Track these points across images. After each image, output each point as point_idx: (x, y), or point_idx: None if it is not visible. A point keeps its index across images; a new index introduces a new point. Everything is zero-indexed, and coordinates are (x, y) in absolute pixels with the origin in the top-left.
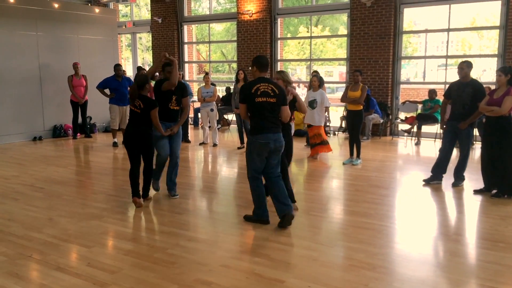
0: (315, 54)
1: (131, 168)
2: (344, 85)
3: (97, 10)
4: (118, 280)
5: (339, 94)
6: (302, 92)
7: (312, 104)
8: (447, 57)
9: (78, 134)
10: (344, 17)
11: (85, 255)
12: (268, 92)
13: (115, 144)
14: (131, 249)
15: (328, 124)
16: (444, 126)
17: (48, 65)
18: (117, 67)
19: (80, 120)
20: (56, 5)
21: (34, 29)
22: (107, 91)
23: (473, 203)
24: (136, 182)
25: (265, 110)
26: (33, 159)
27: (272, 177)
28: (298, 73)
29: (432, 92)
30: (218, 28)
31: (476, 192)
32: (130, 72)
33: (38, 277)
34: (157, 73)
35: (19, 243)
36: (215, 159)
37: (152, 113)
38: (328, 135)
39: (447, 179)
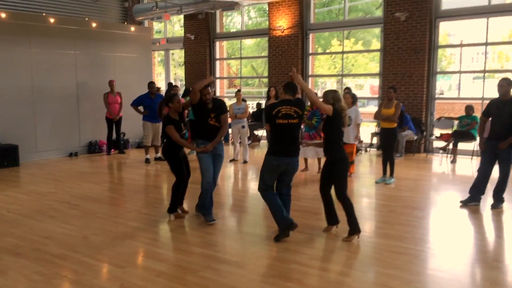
0: (346, 68)
1: (175, 183)
2: (376, 99)
3: (132, 29)
4: None
5: (370, 108)
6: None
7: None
8: (484, 71)
9: (112, 150)
10: (376, 30)
11: (119, 275)
12: (291, 114)
13: (147, 161)
14: (163, 271)
15: (359, 140)
16: (483, 146)
17: (85, 83)
18: (151, 84)
19: (114, 136)
20: (93, 24)
21: (72, 47)
22: (141, 108)
23: None
24: (176, 197)
25: (284, 132)
26: (69, 176)
27: (281, 194)
28: (329, 87)
29: (469, 108)
30: (249, 42)
31: None
32: (162, 87)
33: None
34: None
35: (54, 262)
36: (245, 177)
37: (167, 130)
38: (360, 152)
39: (486, 200)
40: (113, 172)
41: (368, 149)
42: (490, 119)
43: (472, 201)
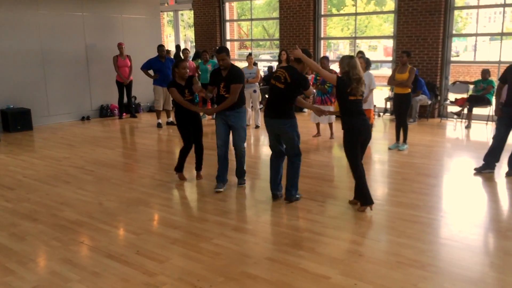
0: (359, 29)
1: (182, 146)
2: (389, 62)
3: None
4: (166, 270)
5: (383, 71)
6: None
7: None
8: (502, 34)
9: (124, 114)
10: None
11: (134, 242)
12: (280, 77)
13: (159, 125)
14: (177, 238)
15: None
16: (499, 112)
17: (94, 46)
18: (160, 47)
19: (125, 100)
20: None
21: (80, 9)
22: (151, 72)
23: None
24: (183, 160)
25: (271, 94)
26: (82, 140)
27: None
28: (341, 49)
29: (486, 72)
30: (259, 2)
31: None
32: (172, 48)
33: (90, 265)
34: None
35: (71, 228)
36: (257, 142)
37: (170, 93)
38: (373, 116)
39: (501, 167)
40: (125, 136)
41: (381, 114)
42: (507, 85)
43: (486, 169)
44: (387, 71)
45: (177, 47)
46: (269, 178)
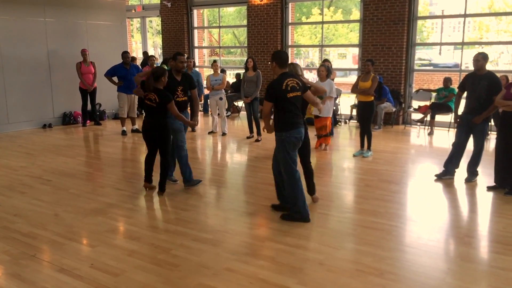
0: (327, 38)
1: (147, 154)
2: (356, 70)
3: None
4: (120, 283)
5: (351, 79)
6: (314, 78)
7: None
8: (463, 43)
9: (88, 121)
10: None
11: (89, 255)
12: (295, 86)
13: (124, 133)
14: (135, 249)
15: (338, 113)
16: (458, 120)
17: (57, 52)
18: (125, 54)
19: (89, 107)
20: None
21: (42, 15)
22: (115, 79)
23: (486, 201)
24: (150, 168)
25: (297, 105)
26: (42, 149)
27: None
28: (311, 57)
29: (447, 80)
30: (230, 9)
31: (490, 189)
32: (140, 55)
33: (41, 280)
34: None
35: (23, 241)
36: (224, 150)
37: (169, 107)
38: (339, 123)
39: (460, 173)
40: (88, 144)
41: (347, 121)
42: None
43: (446, 175)
44: (354, 79)
45: (145, 53)
46: (236, 186)
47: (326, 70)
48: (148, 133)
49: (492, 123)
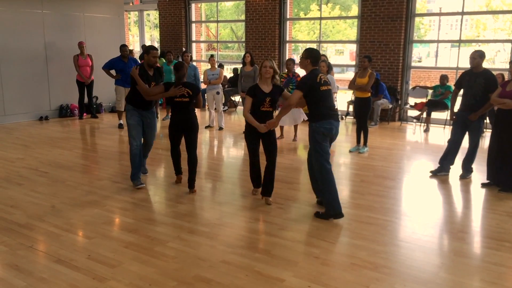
0: (325, 34)
1: (172, 149)
2: (353, 66)
3: None
4: (117, 275)
5: (348, 75)
6: None
7: None
8: (460, 41)
9: (84, 114)
10: None
11: (86, 246)
12: (326, 81)
13: (120, 126)
14: (132, 241)
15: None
16: (454, 117)
17: (54, 44)
18: (123, 47)
19: (86, 100)
20: None
21: (39, 6)
22: (113, 72)
23: (480, 198)
24: (179, 161)
25: (328, 98)
26: (39, 141)
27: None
28: None
29: (444, 78)
30: (228, 3)
31: (484, 185)
32: (137, 48)
33: (38, 270)
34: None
35: (20, 232)
36: (220, 144)
37: (199, 97)
38: None
39: (455, 170)
40: (85, 137)
41: (344, 117)
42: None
43: (441, 171)
44: (352, 75)
45: (143, 47)
46: (232, 180)
47: (326, 66)
48: (179, 129)
49: (488, 120)
